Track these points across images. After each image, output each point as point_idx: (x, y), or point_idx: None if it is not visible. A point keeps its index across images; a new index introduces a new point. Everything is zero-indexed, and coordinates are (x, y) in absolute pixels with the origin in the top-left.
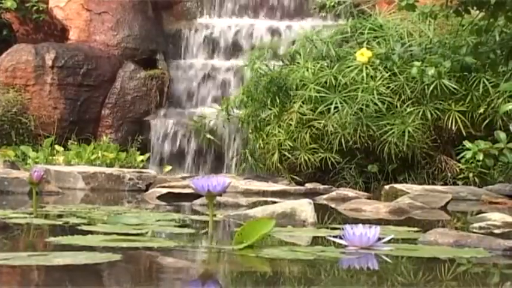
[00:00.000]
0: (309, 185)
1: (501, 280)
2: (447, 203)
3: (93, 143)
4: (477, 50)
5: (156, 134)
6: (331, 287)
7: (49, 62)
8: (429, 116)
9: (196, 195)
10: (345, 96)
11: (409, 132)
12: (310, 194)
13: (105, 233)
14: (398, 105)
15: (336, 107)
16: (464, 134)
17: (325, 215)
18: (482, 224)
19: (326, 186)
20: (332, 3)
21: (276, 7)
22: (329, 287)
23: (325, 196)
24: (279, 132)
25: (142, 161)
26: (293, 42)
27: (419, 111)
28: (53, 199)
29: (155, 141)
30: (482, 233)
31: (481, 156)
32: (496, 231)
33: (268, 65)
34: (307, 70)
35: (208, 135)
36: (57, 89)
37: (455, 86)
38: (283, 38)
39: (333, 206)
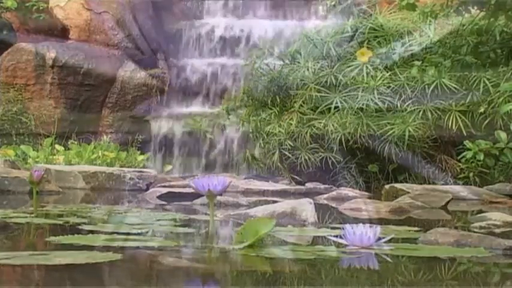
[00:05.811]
0: (309, 185)
1: (501, 279)
2: (447, 202)
3: (94, 142)
4: (477, 50)
5: (157, 133)
6: (332, 287)
7: (49, 62)
8: (429, 115)
9: (196, 195)
10: (345, 96)
11: (409, 131)
12: (311, 194)
13: (106, 233)
14: (399, 105)
15: (336, 107)
16: (464, 133)
17: (326, 214)
18: (483, 224)
19: (326, 186)
20: (333, 3)
21: (277, 7)
22: (330, 286)
23: (325, 195)
24: (279, 131)
25: (142, 160)
26: (294, 41)
27: (419, 111)
28: (53, 198)
29: (155, 140)
30: (482, 233)
31: (481, 156)
32: (497, 230)
33: (269, 65)
34: (308, 70)
35: (208, 135)
36: (57, 88)
37: (455, 86)
38: (284, 38)
39: (333, 205)
